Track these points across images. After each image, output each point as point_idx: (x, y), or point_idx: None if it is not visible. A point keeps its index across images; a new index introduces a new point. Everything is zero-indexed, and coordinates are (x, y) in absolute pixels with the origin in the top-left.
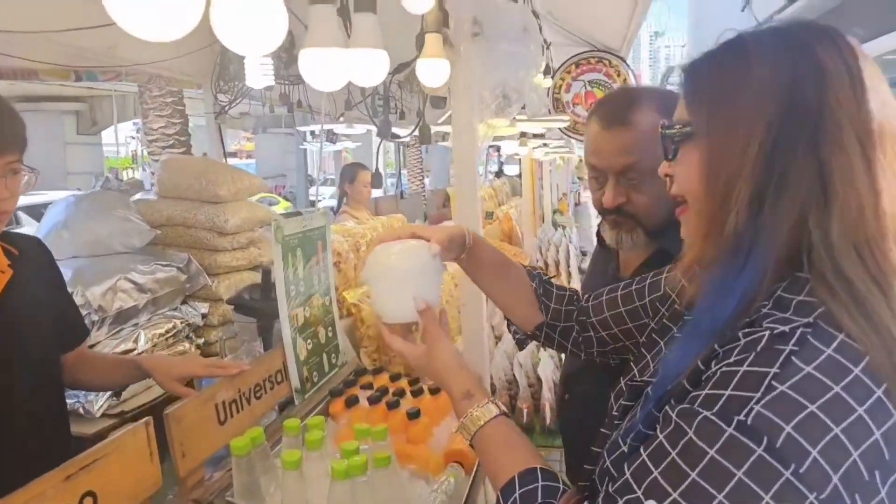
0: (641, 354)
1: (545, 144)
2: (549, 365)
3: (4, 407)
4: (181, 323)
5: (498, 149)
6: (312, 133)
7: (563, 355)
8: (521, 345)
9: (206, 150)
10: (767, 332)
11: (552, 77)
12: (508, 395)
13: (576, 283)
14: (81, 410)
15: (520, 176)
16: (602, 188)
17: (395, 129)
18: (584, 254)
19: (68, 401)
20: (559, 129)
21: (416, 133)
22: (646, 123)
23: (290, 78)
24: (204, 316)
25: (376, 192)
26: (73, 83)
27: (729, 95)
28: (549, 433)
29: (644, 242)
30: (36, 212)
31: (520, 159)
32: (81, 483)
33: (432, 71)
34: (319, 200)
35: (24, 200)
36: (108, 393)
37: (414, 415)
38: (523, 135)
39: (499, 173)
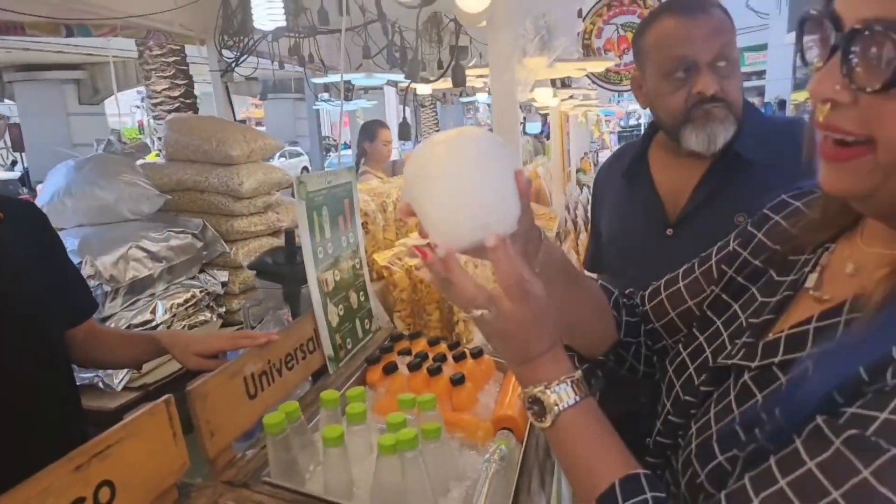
0: (706, 326)
1: (572, 97)
2: None
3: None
4: (200, 292)
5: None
6: (326, 88)
7: None
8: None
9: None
10: None
11: (583, 20)
12: None
13: None
14: (101, 384)
15: (540, 134)
16: (685, 86)
17: (424, 82)
18: None
19: (86, 374)
20: (591, 77)
21: (448, 78)
22: (720, 13)
23: (301, 29)
24: (224, 284)
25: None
26: (66, 40)
27: None
28: None
29: (730, 136)
30: None
31: (545, 114)
32: (95, 473)
33: None
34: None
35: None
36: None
37: (458, 381)
38: (553, 83)
39: (522, 132)
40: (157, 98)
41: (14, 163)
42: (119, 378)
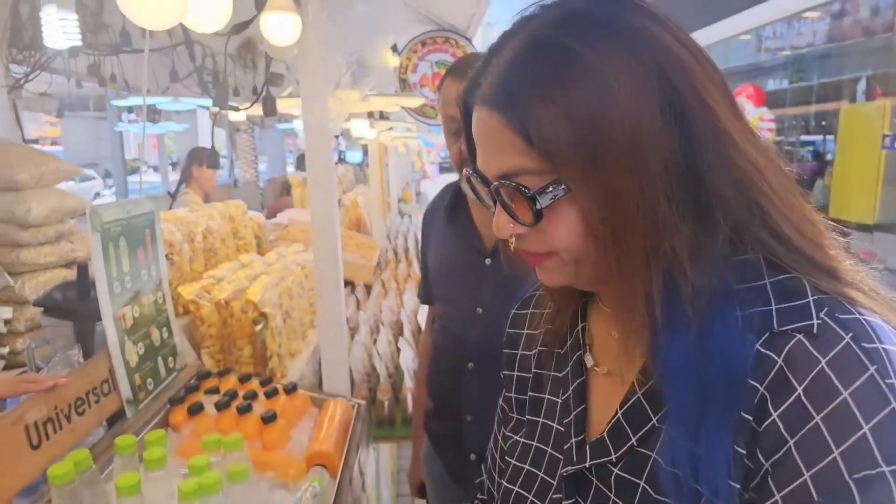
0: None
1: (391, 129)
2: (408, 354)
3: None
4: None
5: (337, 136)
6: (130, 110)
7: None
8: None
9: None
10: (802, 337)
11: (399, 55)
12: (367, 386)
13: None
14: None
15: (361, 163)
16: (456, 142)
17: (232, 109)
18: None
19: None
20: (408, 110)
21: (259, 104)
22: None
23: (102, 47)
24: (7, 322)
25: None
26: None
27: (596, 116)
28: (408, 424)
29: None
30: None
31: (365, 145)
32: None
33: (280, 26)
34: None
35: None
36: None
37: (270, 418)
38: (371, 115)
39: (340, 160)
40: None
41: None
42: None
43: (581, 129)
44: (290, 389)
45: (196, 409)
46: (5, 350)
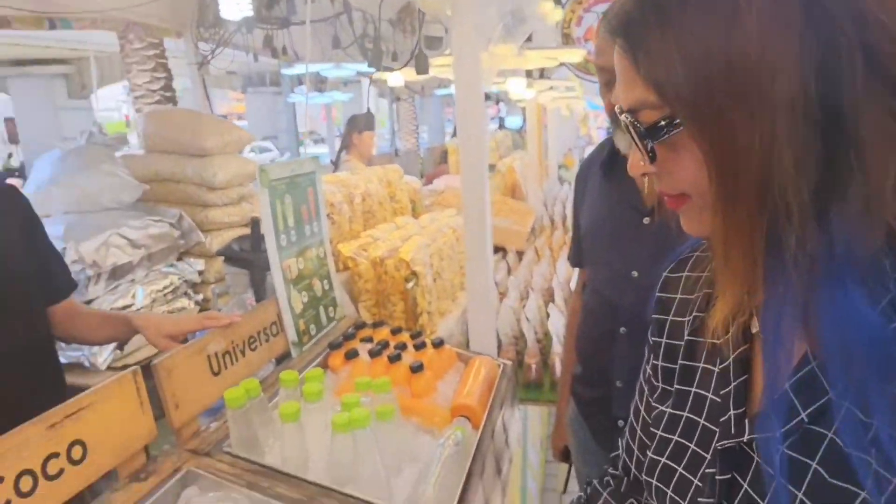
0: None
1: (552, 88)
2: (558, 320)
3: None
4: (178, 279)
5: (498, 101)
6: (300, 81)
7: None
8: None
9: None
10: None
11: (562, 7)
12: (515, 349)
13: None
14: (87, 363)
15: (521, 130)
16: (611, 91)
17: (388, 71)
18: None
19: (73, 353)
20: (569, 67)
21: (413, 64)
22: None
23: (272, 20)
24: (200, 273)
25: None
26: (53, 35)
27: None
28: (556, 389)
29: None
30: None
31: (523, 108)
32: (68, 432)
33: None
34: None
35: None
36: (112, 346)
37: (417, 368)
38: (529, 74)
39: (500, 126)
40: (138, 91)
41: (10, 156)
42: (103, 358)
43: (694, 59)
44: (438, 344)
45: (352, 355)
46: (199, 297)
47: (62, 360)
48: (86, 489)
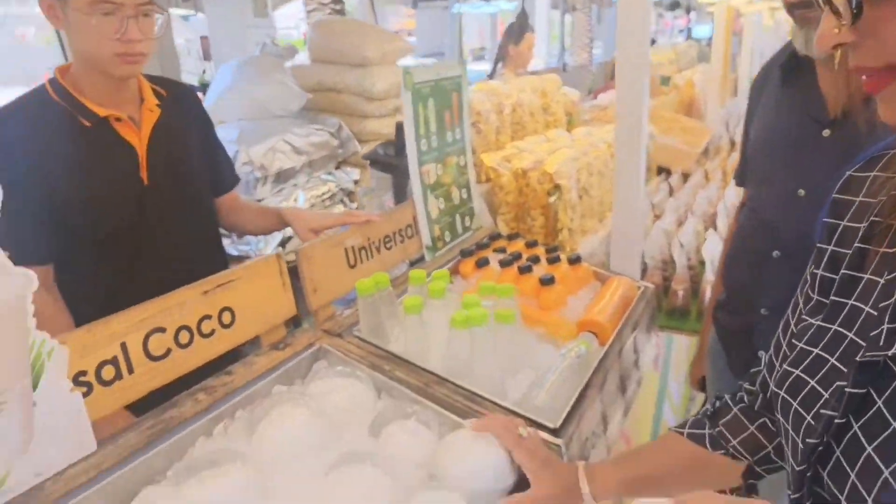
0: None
1: None
2: (716, 245)
3: (168, 238)
4: (336, 187)
5: (689, 10)
6: None
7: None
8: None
9: None
10: None
11: None
12: (662, 274)
13: None
14: (254, 256)
15: (709, 40)
16: None
17: None
18: None
19: (243, 247)
20: None
21: None
22: None
23: None
24: (356, 182)
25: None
26: None
27: None
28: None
29: None
30: None
31: (712, 12)
32: (220, 298)
33: None
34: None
35: None
36: (277, 242)
37: (548, 281)
38: None
39: (688, 37)
40: (311, 5)
41: (204, 72)
42: (268, 252)
43: None
44: (574, 260)
45: (482, 263)
46: (354, 206)
47: (234, 252)
48: (234, 350)
